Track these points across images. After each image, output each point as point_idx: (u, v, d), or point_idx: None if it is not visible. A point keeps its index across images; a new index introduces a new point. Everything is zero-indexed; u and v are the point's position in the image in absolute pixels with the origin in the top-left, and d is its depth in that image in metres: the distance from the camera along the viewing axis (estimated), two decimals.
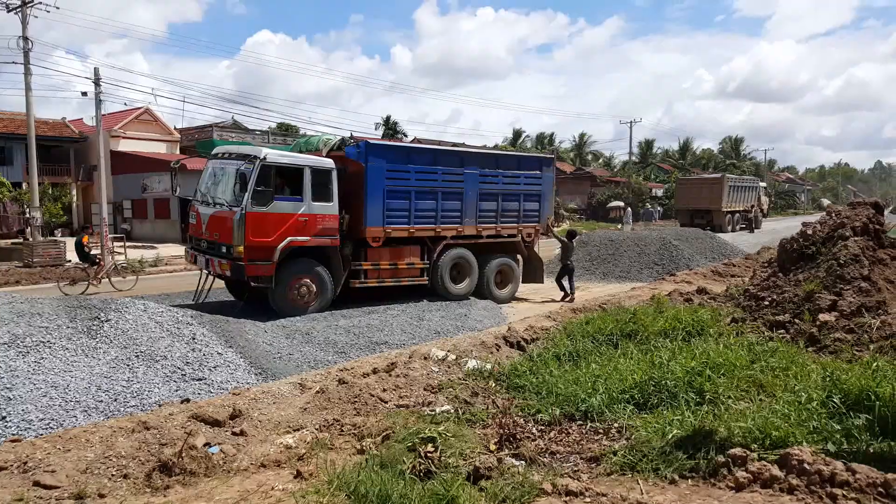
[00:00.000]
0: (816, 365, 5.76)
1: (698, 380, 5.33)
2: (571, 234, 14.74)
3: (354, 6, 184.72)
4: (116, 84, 52.00)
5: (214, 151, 12.42)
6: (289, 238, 10.65)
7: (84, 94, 24.48)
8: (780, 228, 35.03)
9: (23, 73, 22.54)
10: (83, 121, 38.28)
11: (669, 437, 4.30)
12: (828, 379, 5.02)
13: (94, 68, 23.04)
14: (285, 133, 42.58)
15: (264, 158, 10.57)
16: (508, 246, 13.76)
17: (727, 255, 18.94)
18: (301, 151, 12.18)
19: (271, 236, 10.48)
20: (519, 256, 14.03)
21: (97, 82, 22.78)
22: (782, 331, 7.28)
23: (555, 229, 15.41)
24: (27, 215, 24.84)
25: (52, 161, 33.83)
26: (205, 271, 11.38)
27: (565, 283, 13.76)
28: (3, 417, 5.36)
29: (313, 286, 10.99)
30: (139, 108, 35.27)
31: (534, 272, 14.43)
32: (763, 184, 44.57)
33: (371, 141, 12.41)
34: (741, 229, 36.60)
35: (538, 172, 13.91)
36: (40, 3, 22.45)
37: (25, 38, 22.34)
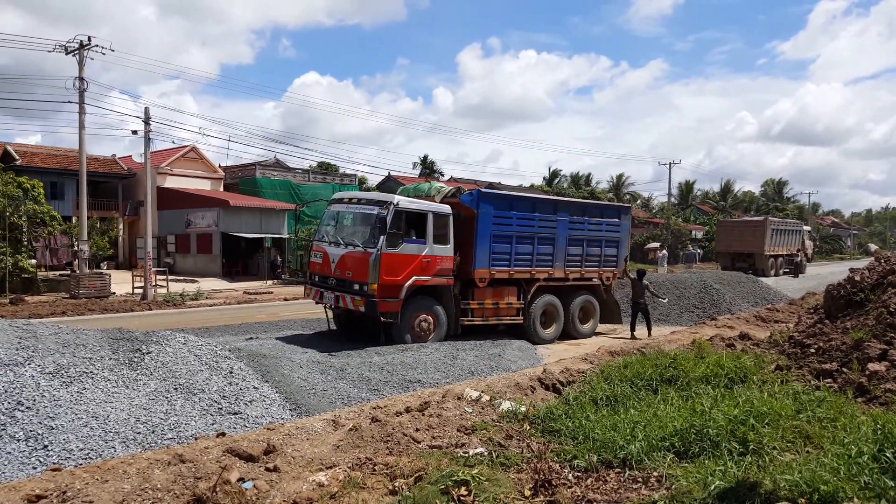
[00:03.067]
0: (866, 416, 5.51)
1: (741, 429, 5.14)
2: (641, 274, 14.92)
3: (401, 51, 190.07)
4: (166, 123, 54.14)
5: (337, 196, 13.64)
6: (414, 277, 11.61)
7: (134, 132, 25.57)
8: (824, 273, 34.07)
9: (77, 112, 23.69)
10: (132, 157, 39.83)
11: (712, 488, 4.14)
12: (879, 432, 4.79)
13: (145, 108, 24.10)
14: (325, 172, 43.52)
15: (397, 205, 11.63)
16: (591, 289, 14.74)
17: (770, 299, 18.45)
18: (411, 197, 12.97)
19: (400, 275, 11.43)
20: (598, 296, 14.85)
21: (147, 121, 23.76)
22: (829, 380, 7.01)
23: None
24: (76, 248, 25.73)
25: (100, 196, 35.16)
26: (330, 306, 12.33)
27: (639, 322, 14.26)
28: (46, 446, 5.48)
29: (431, 321, 11.98)
30: (186, 146, 36.55)
31: (611, 313, 15.23)
32: (807, 227, 43.52)
33: (483, 190, 13.81)
34: (785, 274, 35.67)
35: (617, 220, 14.89)
36: (96, 46, 23.71)
37: (81, 79, 23.52)
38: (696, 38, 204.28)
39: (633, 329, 14.22)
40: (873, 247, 73.44)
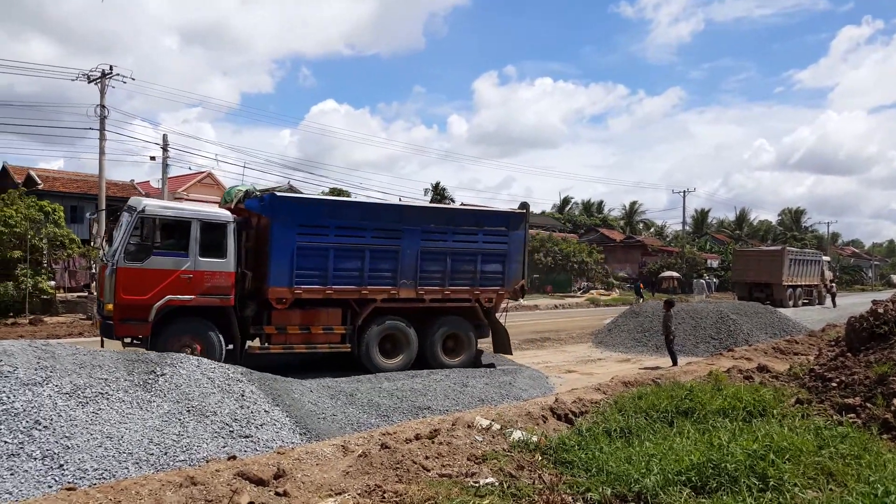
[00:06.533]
0: (893, 454, 5.37)
1: (761, 464, 5.03)
2: (669, 304, 14.42)
3: (418, 79, 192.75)
4: (184, 150, 55.09)
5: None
6: (168, 296, 9.94)
7: (153, 158, 26.09)
8: (845, 305, 33.56)
9: (98, 139, 24.20)
10: (150, 183, 40.49)
11: None
12: None
13: (163, 135, 24.61)
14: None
15: (143, 211, 10.02)
16: (462, 311, 12.40)
17: (789, 331, 18.17)
18: (224, 202, 11.78)
19: (147, 294, 9.79)
20: (477, 323, 12.54)
21: (165, 147, 24.26)
22: (852, 415, 6.86)
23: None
24: (93, 270, 26.09)
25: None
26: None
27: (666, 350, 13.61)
28: (61, 465, 5.50)
29: (199, 348, 10.05)
30: (202, 172, 37.18)
31: (499, 343, 13.09)
32: (826, 258, 43.03)
33: (280, 194, 11.52)
34: (804, 304, 35.20)
35: (504, 230, 12.51)
36: (118, 74, 24.31)
37: (102, 106, 24.10)
38: (711, 67, 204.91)
39: (673, 357, 13.50)
40: None
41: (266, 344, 10.93)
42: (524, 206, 13.51)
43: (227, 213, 11.01)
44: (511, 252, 12.54)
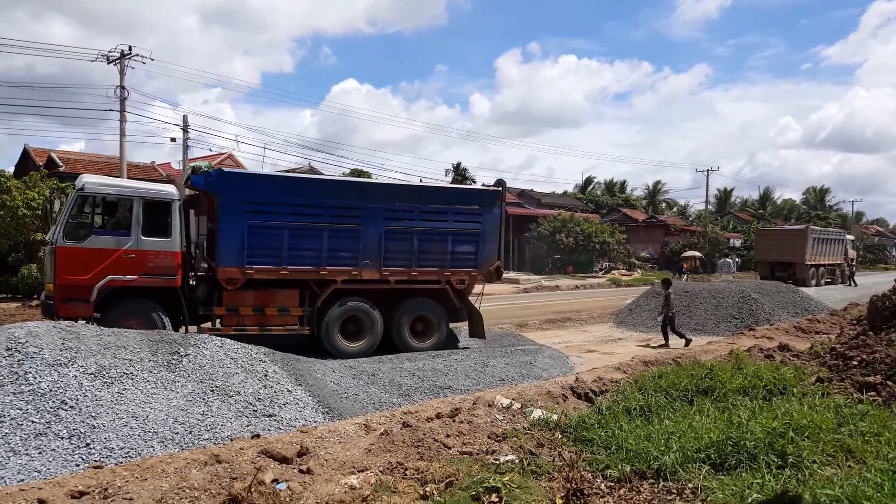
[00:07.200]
0: None
1: (780, 442, 5.02)
2: (667, 283, 14.37)
3: (441, 58, 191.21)
4: (205, 131, 55.49)
5: None
6: (110, 276, 9.77)
7: (173, 139, 26.34)
8: (868, 284, 33.02)
9: (119, 121, 24.46)
10: (170, 164, 40.84)
11: (749, 500, 4.06)
12: None
13: (183, 116, 24.84)
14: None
15: (82, 189, 9.85)
16: (432, 293, 11.98)
17: (811, 310, 17.95)
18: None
19: (88, 274, 9.64)
20: (448, 305, 12.08)
21: (185, 129, 24.47)
22: (873, 393, 6.79)
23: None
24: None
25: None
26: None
27: (669, 331, 13.63)
28: (88, 444, 5.65)
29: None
30: (223, 154, 37.32)
31: (473, 326, 12.51)
32: (850, 237, 42.27)
33: (227, 170, 11.09)
34: (826, 283, 34.71)
35: (477, 208, 11.96)
36: (137, 55, 24.48)
37: (122, 88, 24.32)
38: (737, 43, 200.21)
39: (682, 337, 13.57)
40: None
41: (218, 326, 10.60)
42: (499, 183, 13.23)
43: (172, 190, 10.71)
44: (485, 232, 12.02)
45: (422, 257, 11.59)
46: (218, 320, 10.67)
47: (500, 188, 12.94)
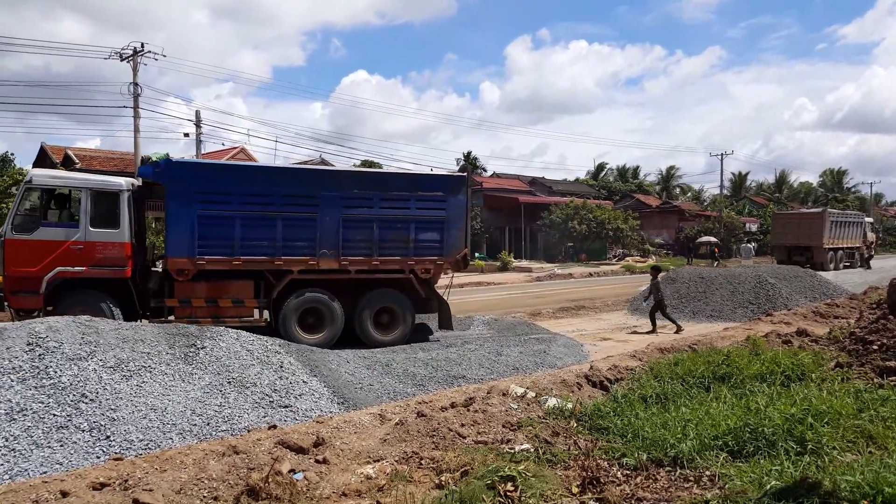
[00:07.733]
0: None
1: (799, 428, 4.98)
2: (657, 270, 14.42)
3: (451, 47, 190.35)
4: (217, 126, 55.76)
5: None
6: (58, 268, 9.82)
7: (186, 134, 26.53)
8: (888, 267, 32.57)
9: (133, 117, 24.62)
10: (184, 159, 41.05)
11: (767, 487, 4.02)
12: None
13: (196, 111, 24.96)
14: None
15: (30, 181, 10.04)
16: (396, 283, 11.62)
17: (829, 294, 17.74)
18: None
19: (37, 266, 9.73)
20: (414, 296, 11.68)
21: (198, 124, 24.59)
22: (893, 378, 6.71)
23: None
24: None
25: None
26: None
27: (659, 317, 13.66)
28: (108, 437, 5.73)
29: None
30: (235, 148, 37.48)
31: (441, 317, 12.06)
32: (869, 219, 41.68)
33: (176, 160, 11.04)
34: (845, 267, 34.30)
35: (441, 194, 11.60)
36: (149, 52, 24.60)
37: (136, 84, 24.48)
38: (750, 25, 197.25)
39: (674, 323, 13.66)
40: None
41: (170, 317, 10.57)
42: (465, 168, 13.35)
43: (120, 181, 10.73)
44: (450, 219, 11.63)
45: (383, 246, 11.29)
46: (170, 312, 10.62)
47: (465, 174, 12.90)
